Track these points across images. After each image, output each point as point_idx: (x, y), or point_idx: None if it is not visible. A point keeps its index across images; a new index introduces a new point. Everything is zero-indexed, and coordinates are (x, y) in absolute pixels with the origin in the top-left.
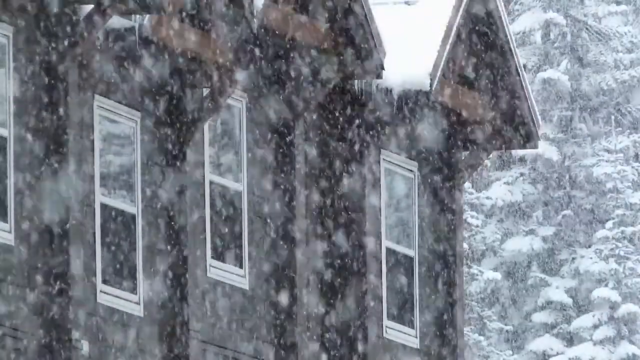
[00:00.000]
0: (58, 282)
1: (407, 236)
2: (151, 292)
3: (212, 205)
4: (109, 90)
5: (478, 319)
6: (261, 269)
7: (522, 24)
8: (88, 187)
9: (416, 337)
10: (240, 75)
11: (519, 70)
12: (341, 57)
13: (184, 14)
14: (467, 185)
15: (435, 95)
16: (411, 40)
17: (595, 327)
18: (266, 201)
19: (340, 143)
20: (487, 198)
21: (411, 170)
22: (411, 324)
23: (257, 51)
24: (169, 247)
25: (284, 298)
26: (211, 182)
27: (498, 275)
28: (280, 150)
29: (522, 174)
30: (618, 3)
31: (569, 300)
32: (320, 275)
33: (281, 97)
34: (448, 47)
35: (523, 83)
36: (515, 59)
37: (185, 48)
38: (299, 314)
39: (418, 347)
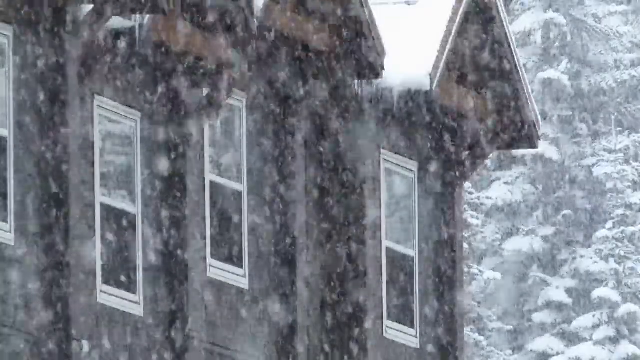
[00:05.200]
0: (58, 282)
1: (407, 236)
2: (151, 292)
3: (212, 205)
4: (109, 90)
5: (478, 319)
6: (261, 269)
7: (522, 24)
8: (88, 187)
9: (416, 337)
10: (240, 76)
11: (519, 70)
12: (341, 57)
13: (183, 13)
14: (467, 185)
15: (435, 95)
16: (411, 40)
17: (595, 327)
18: (266, 201)
19: (341, 143)
20: (487, 198)
21: (411, 170)
22: (411, 324)
23: (257, 51)
24: (168, 247)
25: (283, 298)
26: (211, 182)
27: (498, 275)
28: (280, 150)
29: (522, 174)
30: (618, 3)
31: (569, 300)
32: (320, 274)
33: (281, 97)
34: (448, 47)
35: (523, 83)
36: (515, 59)
37: (185, 48)
38: (299, 314)
39: (418, 347)
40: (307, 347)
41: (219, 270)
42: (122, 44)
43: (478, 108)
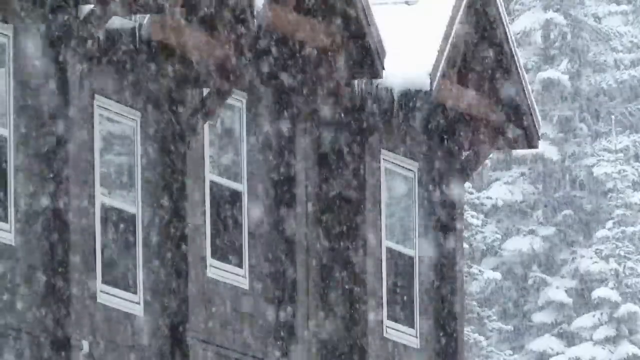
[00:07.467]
0: (58, 282)
1: (407, 236)
2: (151, 292)
3: (212, 205)
4: (109, 90)
5: (478, 319)
6: (261, 269)
7: (522, 24)
8: (88, 187)
9: (416, 337)
10: (240, 76)
11: (519, 70)
12: (341, 57)
13: (184, 14)
14: (467, 185)
15: (435, 95)
16: (411, 40)
17: (595, 327)
18: (265, 201)
19: (341, 143)
20: (487, 198)
21: (411, 170)
22: (411, 324)
23: (257, 51)
24: (169, 247)
25: (283, 298)
26: (211, 182)
27: (498, 275)
28: (280, 150)
29: (522, 174)
30: (618, 3)
31: (569, 300)
32: (320, 274)
33: (281, 97)
34: (448, 47)
35: (523, 83)
36: (515, 59)
37: (185, 48)
38: (299, 314)
39: (418, 347)
40: (307, 347)
41: (219, 270)
42: (122, 44)
43: (478, 108)
